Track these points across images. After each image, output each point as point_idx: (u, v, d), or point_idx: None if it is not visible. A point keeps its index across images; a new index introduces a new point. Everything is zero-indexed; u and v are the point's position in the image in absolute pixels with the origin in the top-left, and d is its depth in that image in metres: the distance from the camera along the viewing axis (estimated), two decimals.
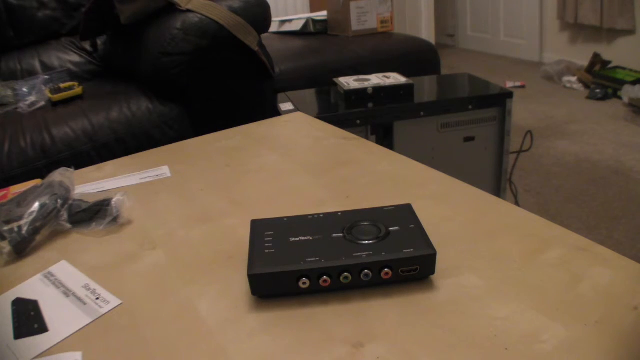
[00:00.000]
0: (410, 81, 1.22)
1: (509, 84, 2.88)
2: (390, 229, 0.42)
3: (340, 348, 0.35)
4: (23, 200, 0.54)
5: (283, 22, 2.00)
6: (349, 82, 1.24)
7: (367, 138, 1.14)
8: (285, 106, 1.19)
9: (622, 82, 2.49)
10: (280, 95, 1.29)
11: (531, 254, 0.43)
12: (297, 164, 0.66)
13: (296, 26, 1.94)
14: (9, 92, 1.22)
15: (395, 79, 1.25)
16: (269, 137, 0.76)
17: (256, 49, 1.18)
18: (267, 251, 0.41)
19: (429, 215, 0.49)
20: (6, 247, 0.49)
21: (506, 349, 0.33)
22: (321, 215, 0.45)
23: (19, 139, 1.00)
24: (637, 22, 2.72)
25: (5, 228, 0.50)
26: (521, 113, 2.44)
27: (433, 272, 0.40)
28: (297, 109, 1.16)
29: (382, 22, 1.84)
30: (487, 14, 3.72)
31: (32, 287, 0.45)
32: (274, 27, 1.98)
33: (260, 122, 0.83)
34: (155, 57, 1.11)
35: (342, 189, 0.58)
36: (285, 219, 0.45)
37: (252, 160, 0.68)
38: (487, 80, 1.34)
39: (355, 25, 1.80)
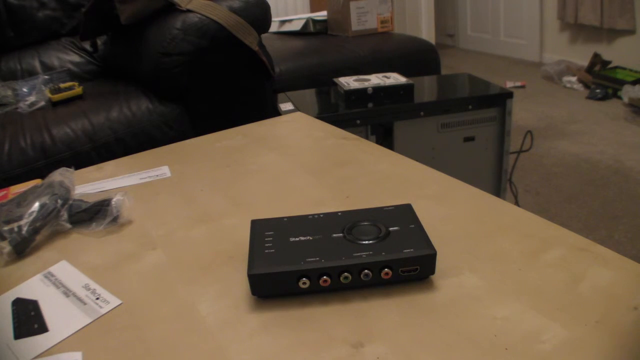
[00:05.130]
0: (410, 81, 1.22)
1: (509, 84, 2.88)
2: (390, 229, 0.42)
3: (340, 348, 0.35)
4: (23, 200, 0.54)
5: (283, 22, 2.00)
6: (349, 82, 1.24)
7: (367, 138, 1.14)
8: (285, 106, 1.19)
9: (622, 82, 2.49)
10: (280, 95, 1.29)
11: (531, 254, 0.43)
12: (297, 164, 0.66)
13: (296, 26, 1.94)
14: (9, 92, 1.22)
15: (395, 79, 1.25)
16: (269, 137, 0.76)
17: (256, 49, 1.18)
18: (267, 251, 0.41)
19: (429, 215, 0.49)
20: (6, 247, 0.49)
21: (506, 349, 0.33)
22: (321, 215, 0.45)
23: (19, 139, 1.00)
24: (637, 22, 2.72)
25: (5, 228, 0.50)
26: (521, 113, 2.44)
27: (433, 272, 0.40)
28: (297, 109, 1.16)
29: (382, 22, 1.84)
30: (487, 14, 3.72)
31: (32, 287, 0.45)
32: (274, 27, 1.98)
33: (260, 122, 0.83)
34: (155, 57, 1.11)
35: (342, 189, 0.58)
36: (285, 219, 0.45)
37: (252, 160, 0.68)
38: (487, 80, 1.34)
39: (355, 25, 1.80)
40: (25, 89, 1.23)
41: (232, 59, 1.18)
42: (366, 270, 0.39)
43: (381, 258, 0.39)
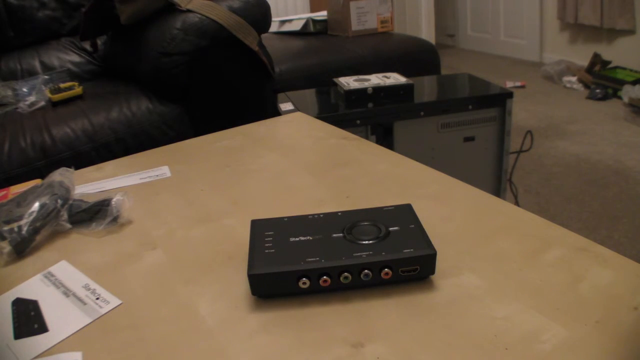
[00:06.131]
0: (410, 81, 1.22)
1: (509, 84, 2.88)
2: (390, 229, 0.42)
3: (340, 348, 0.35)
4: (23, 200, 0.54)
5: (283, 22, 2.00)
6: (349, 82, 1.24)
7: (367, 138, 1.14)
8: (285, 106, 1.19)
9: (622, 82, 2.49)
10: (280, 95, 1.29)
11: (531, 254, 0.43)
12: (297, 164, 0.66)
13: (296, 26, 1.94)
14: (9, 92, 1.22)
15: (395, 79, 1.25)
16: (269, 137, 0.76)
17: (256, 49, 1.18)
18: (267, 251, 0.41)
19: (429, 215, 0.49)
20: (6, 247, 0.49)
21: (506, 349, 0.33)
22: (321, 215, 0.45)
23: (19, 139, 1.00)
24: (637, 22, 2.72)
25: (5, 228, 0.50)
26: (521, 113, 2.44)
27: (433, 272, 0.40)
28: (297, 109, 1.16)
29: (382, 22, 1.84)
30: (487, 14, 3.72)
31: (32, 287, 0.45)
32: (274, 27, 1.98)
33: (260, 122, 0.83)
34: (155, 57, 1.11)
35: (342, 189, 0.58)
36: (285, 219, 0.45)
37: (252, 160, 0.68)
38: (487, 80, 1.34)
39: (355, 25, 1.80)
40: (25, 89, 1.23)
41: (232, 59, 1.18)
42: (366, 270, 0.39)
43: (381, 258, 0.39)
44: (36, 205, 0.52)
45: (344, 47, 1.63)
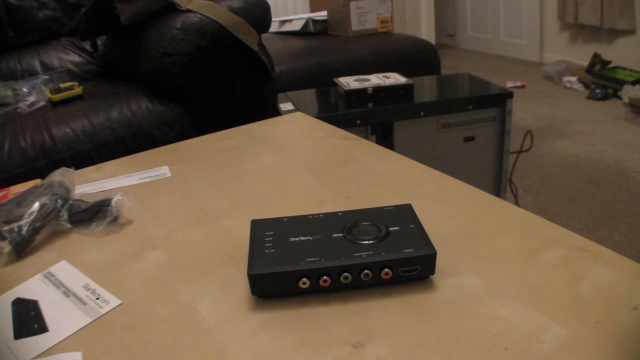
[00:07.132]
0: (410, 81, 1.22)
1: (509, 84, 2.88)
2: (390, 229, 0.42)
3: (340, 348, 0.35)
4: (23, 200, 0.54)
5: (283, 22, 2.00)
6: (349, 82, 1.24)
7: (367, 138, 1.14)
8: (285, 106, 1.19)
9: (622, 82, 2.49)
10: (280, 95, 1.29)
11: (531, 254, 0.43)
12: (297, 164, 0.66)
13: (296, 26, 1.94)
14: (9, 92, 1.22)
15: (395, 79, 1.25)
16: (269, 137, 0.76)
17: (256, 49, 1.18)
18: (267, 251, 0.41)
19: (429, 215, 0.49)
20: (6, 247, 0.49)
21: (506, 349, 0.33)
22: (321, 215, 0.45)
23: (19, 139, 1.00)
24: (637, 22, 2.72)
25: (5, 228, 0.50)
26: (521, 113, 2.44)
27: (433, 272, 0.40)
28: (297, 109, 1.16)
29: (382, 22, 1.84)
30: (487, 14, 3.72)
31: (32, 287, 0.45)
32: (274, 27, 1.98)
33: (260, 122, 0.83)
34: (155, 57, 1.11)
35: (342, 189, 0.58)
36: (285, 219, 0.45)
37: (252, 160, 0.68)
38: (487, 80, 1.34)
39: (355, 25, 1.80)
40: (25, 89, 1.23)
41: (232, 59, 1.18)
42: (366, 270, 0.39)
43: (381, 258, 0.39)
44: (36, 205, 0.52)
45: (344, 47, 1.63)
